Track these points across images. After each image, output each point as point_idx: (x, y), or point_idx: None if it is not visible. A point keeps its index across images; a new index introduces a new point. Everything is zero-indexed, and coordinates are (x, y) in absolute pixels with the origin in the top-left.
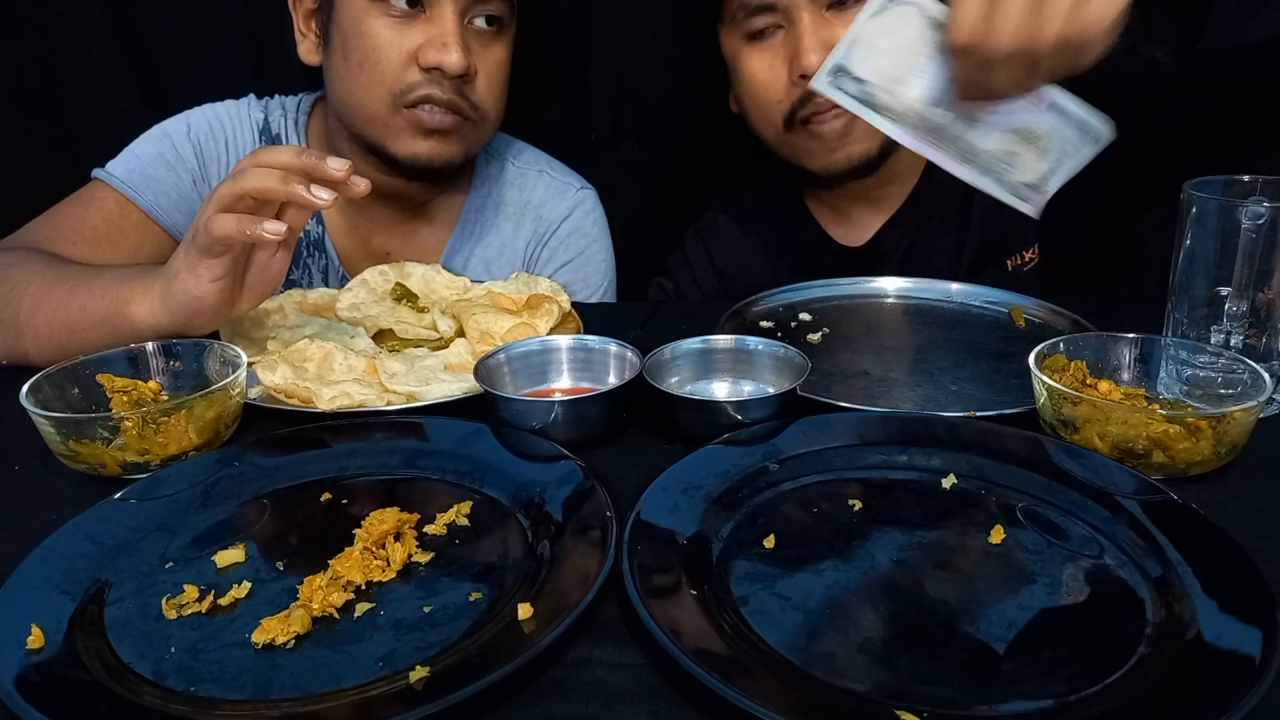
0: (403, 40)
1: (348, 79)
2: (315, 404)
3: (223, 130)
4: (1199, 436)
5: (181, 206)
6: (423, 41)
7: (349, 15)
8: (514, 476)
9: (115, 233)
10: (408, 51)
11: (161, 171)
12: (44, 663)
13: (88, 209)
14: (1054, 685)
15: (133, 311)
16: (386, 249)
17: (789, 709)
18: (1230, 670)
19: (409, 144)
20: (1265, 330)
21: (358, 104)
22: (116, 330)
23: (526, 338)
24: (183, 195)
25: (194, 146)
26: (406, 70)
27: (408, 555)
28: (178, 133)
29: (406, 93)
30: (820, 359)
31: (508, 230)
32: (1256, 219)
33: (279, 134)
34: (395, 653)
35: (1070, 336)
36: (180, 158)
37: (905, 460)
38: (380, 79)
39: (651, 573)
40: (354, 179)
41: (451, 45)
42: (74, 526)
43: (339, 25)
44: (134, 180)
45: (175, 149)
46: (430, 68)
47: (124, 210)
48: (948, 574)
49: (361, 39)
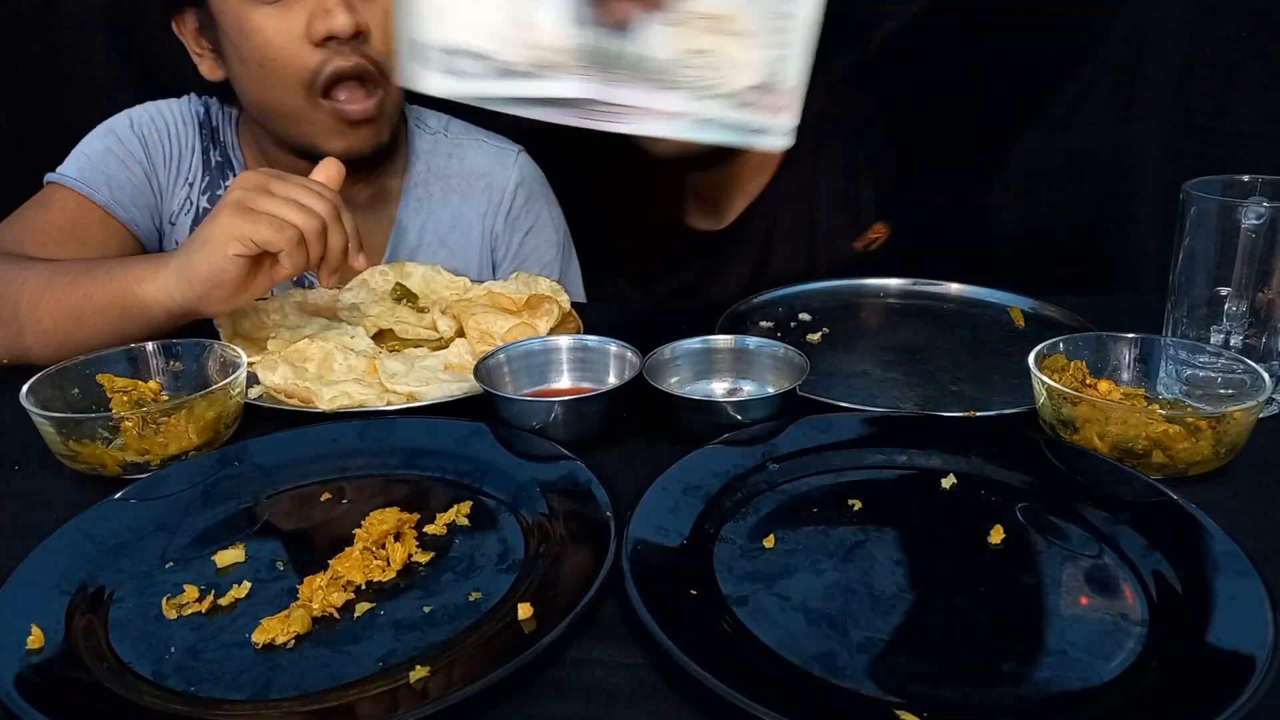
0: (288, 24)
1: (256, 83)
2: (315, 404)
3: (165, 122)
4: (1199, 436)
5: (136, 200)
6: (306, 17)
7: (230, 21)
8: (514, 476)
9: (81, 230)
10: (298, 34)
11: (113, 166)
12: (44, 663)
13: (50, 211)
14: (1054, 685)
15: (144, 291)
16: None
17: (789, 709)
18: (1230, 670)
19: (337, 140)
20: (1265, 330)
21: (275, 104)
22: (125, 313)
23: (526, 338)
24: (136, 188)
25: (139, 139)
26: (304, 52)
27: (408, 555)
28: (122, 127)
29: (315, 76)
30: (820, 359)
31: (455, 203)
32: (1256, 219)
33: (217, 127)
34: (395, 653)
35: (1070, 336)
36: (128, 150)
37: (905, 460)
38: (284, 70)
39: (651, 573)
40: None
41: (334, 9)
42: (74, 526)
43: (225, 34)
44: (88, 178)
45: (122, 143)
46: (323, 40)
47: (84, 208)
48: (947, 574)
49: (249, 37)
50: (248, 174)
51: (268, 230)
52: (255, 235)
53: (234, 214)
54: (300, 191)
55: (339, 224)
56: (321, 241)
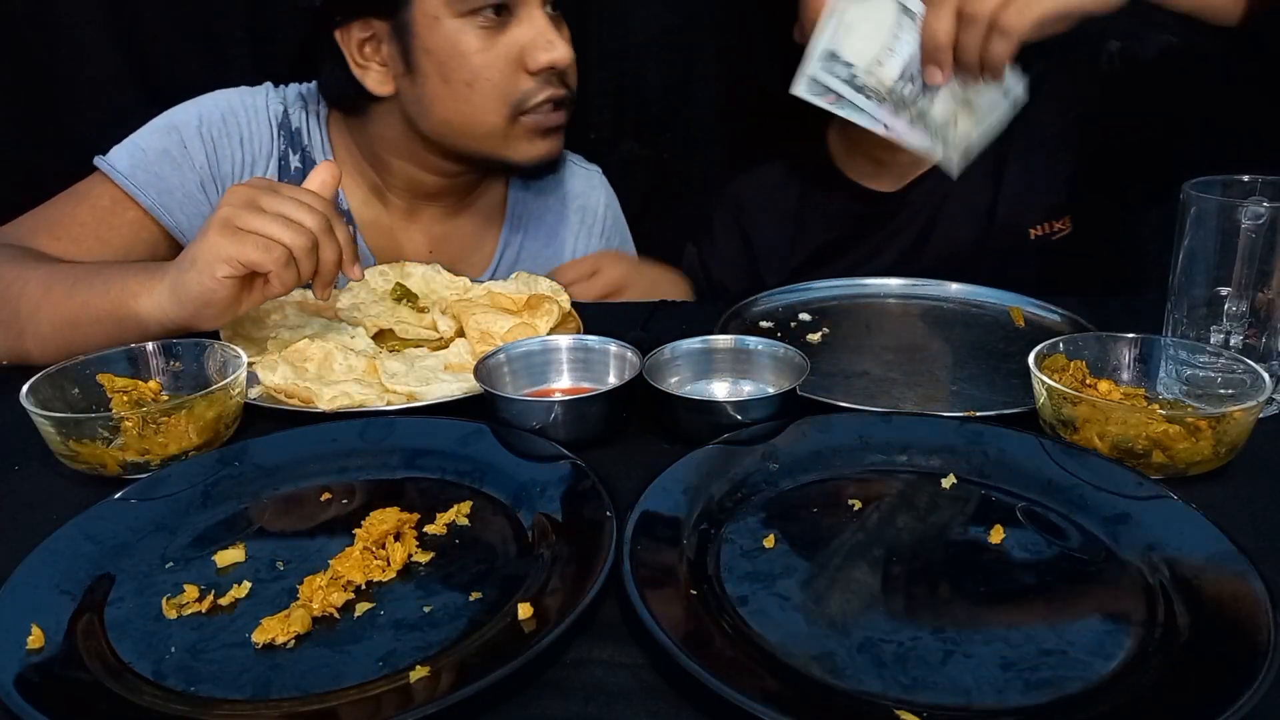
0: (503, 49)
1: (454, 101)
2: (315, 404)
3: (237, 124)
4: (1199, 436)
5: (186, 207)
6: (523, 44)
7: (440, 38)
8: (514, 476)
9: (105, 230)
10: (512, 59)
11: (167, 169)
12: (44, 663)
13: (80, 205)
14: (1054, 685)
15: (139, 306)
16: (429, 247)
17: (789, 709)
18: (1230, 670)
19: (527, 149)
20: (1265, 330)
21: (470, 124)
22: (121, 325)
23: (526, 338)
24: (188, 195)
25: (205, 143)
26: (517, 78)
27: (408, 555)
28: (187, 126)
29: (524, 101)
30: (820, 359)
31: (550, 223)
32: (1256, 219)
33: (299, 128)
34: (395, 653)
35: (1070, 336)
36: (188, 155)
37: (905, 460)
38: (494, 93)
39: (651, 573)
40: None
41: (557, 41)
42: (74, 526)
43: (427, 50)
44: (137, 177)
45: (184, 145)
46: (541, 69)
47: (119, 207)
48: (948, 574)
49: (463, 59)
50: (237, 188)
51: (254, 251)
52: (242, 257)
53: (220, 234)
54: (290, 206)
55: (331, 237)
56: (312, 258)
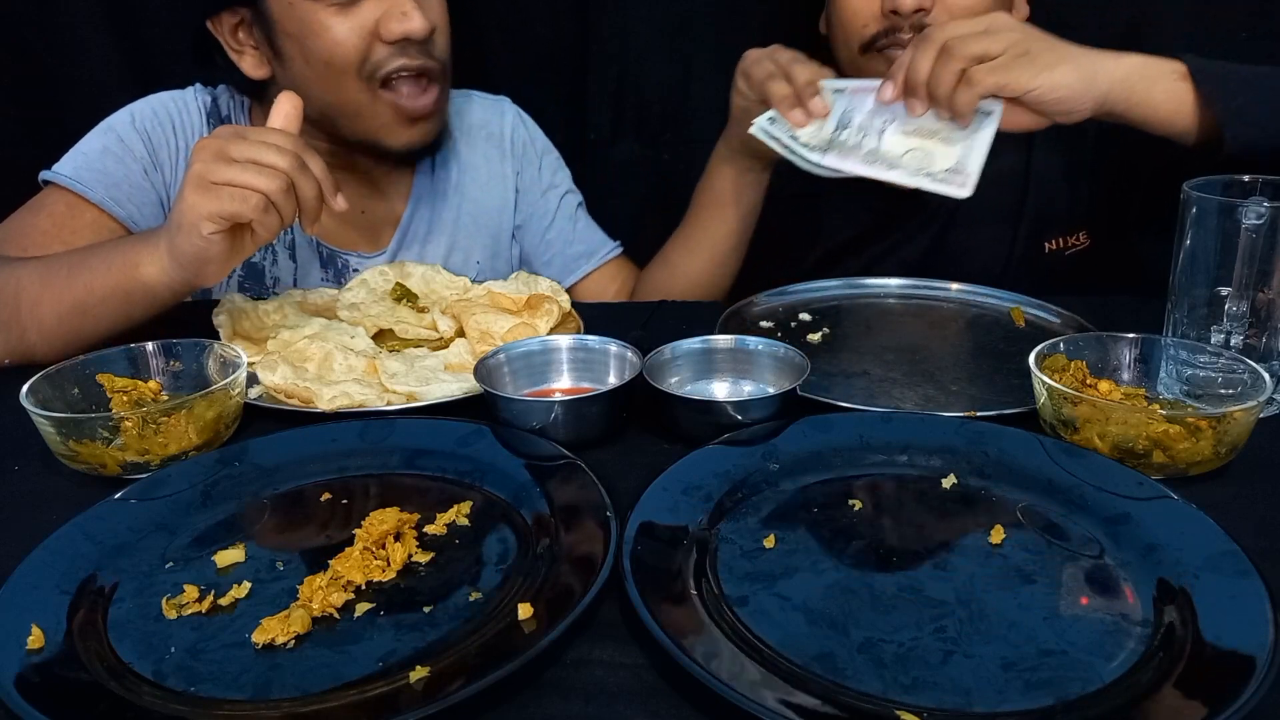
0: (356, 23)
1: (319, 80)
2: (315, 404)
3: (168, 114)
4: (1199, 436)
5: (134, 197)
6: (378, 16)
7: (294, 21)
8: (514, 476)
9: (68, 234)
10: (367, 31)
11: (110, 164)
12: (44, 663)
13: (38, 215)
14: (1054, 685)
15: (145, 274)
16: (361, 208)
17: (789, 709)
18: (1230, 670)
19: (400, 134)
20: (1265, 330)
21: (336, 101)
22: (129, 298)
23: (526, 338)
24: (134, 186)
25: (140, 134)
26: (371, 49)
27: (408, 555)
28: (123, 125)
29: (376, 70)
30: (820, 359)
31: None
32: (1256, 219)
33: (228, 115)
34: (395, 653)
35: (1070, 336)
36: (126, 148)
37: (905, 460)
38: (349, 69)
39: (651, 573)
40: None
41: (410, 11)
42: (74, 526)
43: (286, 33)
44: (83, 176)
45: (121, 140)
46: (396, 40)
47: (75, 211)
48: (948, 574)
49: (318, 38)
50: (205, 141)
51: (232, 203)
52: (222, 211)
53: (196, 192)
54: (259, 150)
55: (306, 174)
56: (290, 199)
